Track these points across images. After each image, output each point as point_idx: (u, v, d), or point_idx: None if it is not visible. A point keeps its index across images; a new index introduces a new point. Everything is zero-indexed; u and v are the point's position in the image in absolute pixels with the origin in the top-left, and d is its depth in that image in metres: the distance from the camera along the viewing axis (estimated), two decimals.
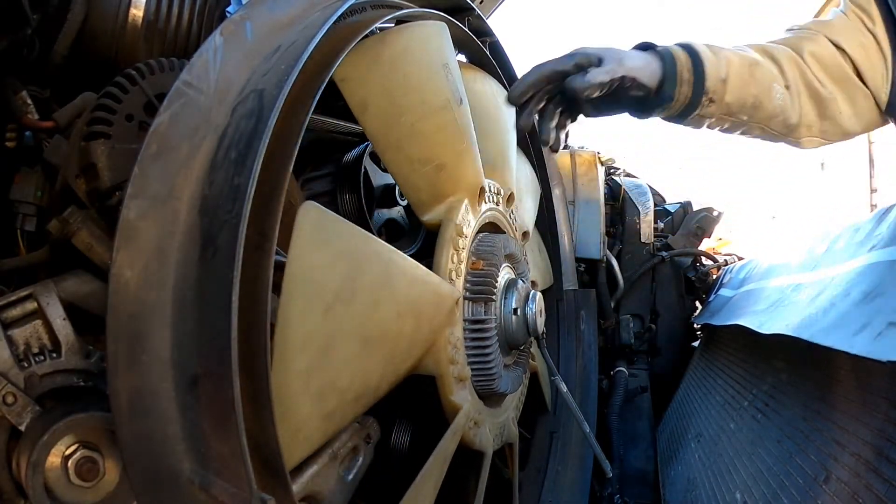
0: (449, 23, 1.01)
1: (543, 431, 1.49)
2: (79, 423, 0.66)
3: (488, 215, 1.05)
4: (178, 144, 0.61)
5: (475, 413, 0.95)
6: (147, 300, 0.57)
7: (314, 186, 1.28)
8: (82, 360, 0.73)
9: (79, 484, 0.66)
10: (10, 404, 0.67)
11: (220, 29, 0.68)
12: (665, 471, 1.67)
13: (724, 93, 1.03)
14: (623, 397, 1.97)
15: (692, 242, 2.50)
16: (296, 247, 0.59)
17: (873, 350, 0.70)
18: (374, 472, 0.79)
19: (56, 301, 0.73)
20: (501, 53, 1.31)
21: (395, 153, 0.88)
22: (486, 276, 0.95)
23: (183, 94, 0.63)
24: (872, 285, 0.83)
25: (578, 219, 2.09)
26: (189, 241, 0.58)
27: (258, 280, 0.54)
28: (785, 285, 1.30)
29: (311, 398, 0.62)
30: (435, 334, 0.85)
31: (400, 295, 0.76)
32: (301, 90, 0.64)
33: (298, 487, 0.65)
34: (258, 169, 0.54)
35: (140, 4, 1.01)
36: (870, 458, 0.78)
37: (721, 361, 1.76)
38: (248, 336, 0.53)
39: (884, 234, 0.91)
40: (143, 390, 0.56)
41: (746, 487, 1.10)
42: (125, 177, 0.60)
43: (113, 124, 0.79)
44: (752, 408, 1.30)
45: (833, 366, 0.98)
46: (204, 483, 0.54)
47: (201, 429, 0.55)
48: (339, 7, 0.73)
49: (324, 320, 0.63)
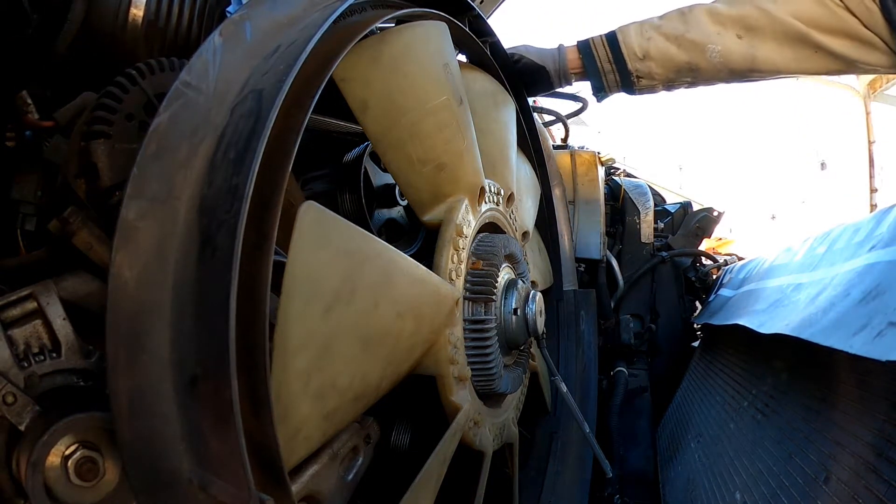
0: (449, 23, 1.01)
1: (543, 432, 1.49)
2: (79, 423, 0.66)
3: (488, 215, 1.05)
4: (177, 144, 0.61)
5: (475, 413, 0.95)
6: (146, 300, 0.57)
7: (314, 186, 1.28)
8: (82, 360, 0.73)
9: (78, 484, 0.65)
10: (9, 404, 0.67)
11: (219, 29, 0.68)
12: (665, 471, 1.67)
13: (650, 68, 1.21)
14: (623, 397, 1.97)
15: (692, 242, 2.51)
16: (295, 246, 0.59)
17: (873, 350, 0.70)
18: (374, 472, 0.79)
19: (56, 301, 0.73)
20: (501, 53, 1.31)
21: (396, 153, 0.88)
22: (486, 277, 0.95)
23: (182, 94, 0.63)
24: (872, 285, 0.83)
25: (578, 219, 2.09)
26: (188, 241, 0.58)
27: (257, 280, 0.54)
28: (785, 285, 1.30)
29: (311, 398, 0.62)
30: (435, 334, 0.85)
31: (400, 295, 0.75)
32: (300, 90, 0.64)
33: (298, 487, 0.65)
34: (257, 169, 0.54)
35: (140, 4, 1.01)
36: (870, 459, 0.78)
37: (721, 361, 1.75)
38: (248, 336, 0.53)
39: (884, 235, 0.91)
40: (142, 390, 0.56)
41: (746, 488, 1.10)
42: (125, 177, 0.60)
43: (113, 124, 0.78)
44: (752, 408, 1.30)
45: (833, 366, 0.98)
46: (203, 483, 0.54)
47: (200, 429, 0.55)
48: (339, 7, 0.73)
49: (323, 320, 0.63)
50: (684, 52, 1.19)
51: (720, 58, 1.18)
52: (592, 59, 1.23)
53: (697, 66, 1.20)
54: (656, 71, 1.22)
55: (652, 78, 1.23)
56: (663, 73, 1.22)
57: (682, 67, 1.21)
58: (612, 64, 1.22)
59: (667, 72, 1.22)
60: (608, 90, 1.28)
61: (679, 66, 1.21)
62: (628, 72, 1.21)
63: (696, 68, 1.20)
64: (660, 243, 2.47)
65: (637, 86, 1.24)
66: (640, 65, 1.21)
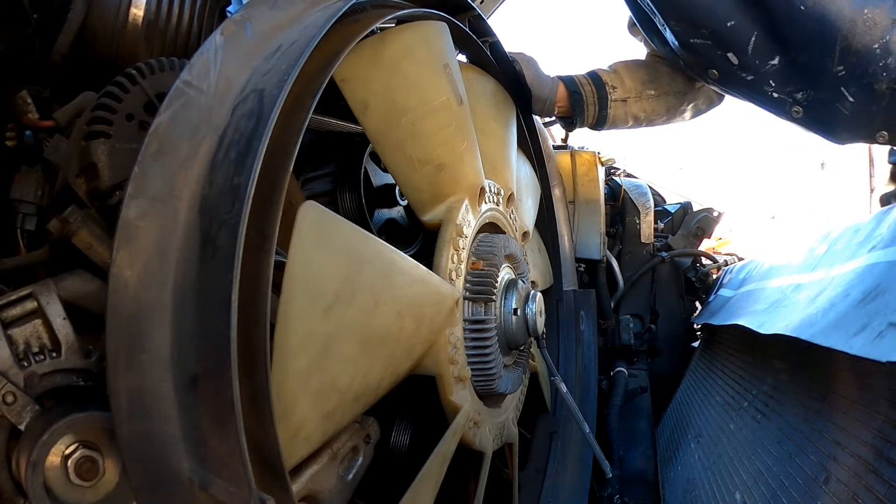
0: (449, 23, 1.01)
1: (543, 432, 1.49)
2: (78, 423, 0.66)
3: (488, 215, 1.05)
4: (178, 144, 0.61)
5: (475, 413, 0.95)
6: (147, 300, 0.57)
7: (314, 186, 1.28)
8: (82, 359, 0.73)
9: (78, 483, 0.65)
10: (9, 403, 0.67)
11: (220, 28, 0.68)
12: (665, 471, 1.67)
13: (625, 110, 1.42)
14: (623, 398, 1.97)
15: (692, 243, 2.50)
16: (296, 247, 0.59)
17: (873, 350, 0.70)
18: (374, 472, 0.79)
19: (56, 300, 0.73)
20: (501, 53, 1.31)
21: (396, 153, 0.88)
22: (486, 277, 0.95)
23: (183, 94, 0.63)
24: (872, 286, 0.83)
25: (578, 219, 2.09)
26: (189, 241, 0.58)
27: (258, 280, 0.54)
28: (785, 285, 1.30)
29: (311, 398, 0.62)
30: (435, 334, 0.85)
31: (400, 295, 0.75)
32: (301, 90, 0.64)
33: (298, 487, 0.65)
34: (258, 169, 0.54)
35: (140, 4, 1.01)
36: (869, 459, 0.78)
37: (721, 362, 1.76)
38: (248, 336, 0.53)
39: (884, 235, 0.91)
40: (142, 390, 0.56)
41: (746, 488, 1.10)
42: (125, 176, 0.60)
43: (113, 124, 0.78)
44: (751, 408, 1.30)
45: (833, 366, 0.98)
46: (203, 482, 0.54)
47: (201, 428, 0.55)
48: (340, 7, 0.73)
49: (324, 320, 0.63)
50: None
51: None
52: (580, 98, 1.39)
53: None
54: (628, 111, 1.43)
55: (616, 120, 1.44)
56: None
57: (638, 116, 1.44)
58: (595, 103, 1.40)
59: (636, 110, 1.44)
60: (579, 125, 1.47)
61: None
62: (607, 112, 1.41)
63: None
64: (660, 243, 2.47)
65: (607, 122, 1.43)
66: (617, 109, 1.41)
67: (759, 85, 1.16)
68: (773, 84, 1.14)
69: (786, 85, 1.13)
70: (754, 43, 1.11)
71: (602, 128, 1.44)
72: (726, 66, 1.17)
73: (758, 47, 1.11)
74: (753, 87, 1.18)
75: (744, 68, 1.15)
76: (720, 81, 1.24)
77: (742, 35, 1.11)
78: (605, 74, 1.41)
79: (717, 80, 1.24)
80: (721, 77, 1.22)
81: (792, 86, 1.13)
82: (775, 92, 1.15)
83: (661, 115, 1.45)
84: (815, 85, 1.11)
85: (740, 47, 1.13)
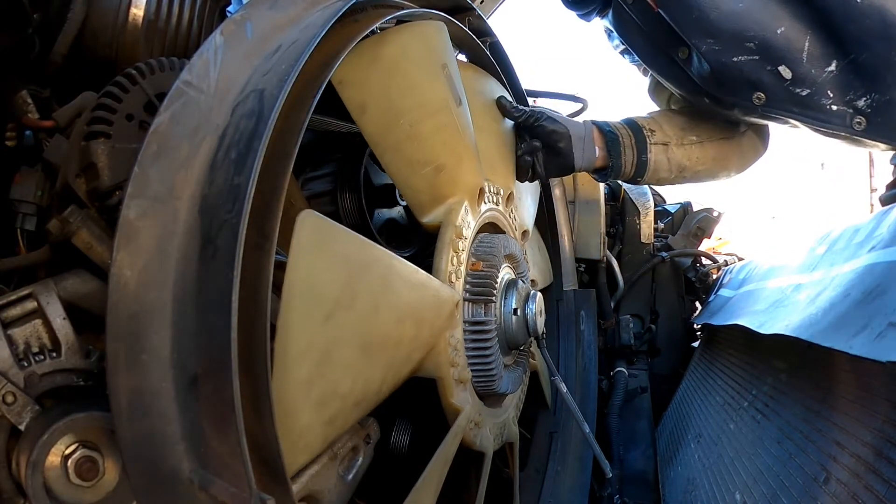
0: (449, 23, 1.01)
1: (543, 431, 1.49)
2: (78, 423, 0.66)
3: (488, 215, 1.05)
4: (178, 144, 0.61)
5: (476, 414, 0.95)
6: (147, 300, 0.57)
7: (314, 186, 1.28)
8: (82, 359, 0.73)
9: (78, 483, 0.65)
10: (9, 403, 0.67)
11: (220, 28, 0.68)
12: (665, 471, 1.67)
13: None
14: (623, 398, 1.97)
15: (692, 243, 2.50)
16: (294, 255, 0.59)
17: (873, 351, 0.70)
18: (374, 472, 0.79)
19: (56, 300, 0.73)
20: (501, 53, 1.31)
21: (394, 155, 0.88)
22: (486, 278, 0.95)
23: (183, 94, 0.63)
24: (872, 286, 0.83)
25: (578, 219, 2.09)
26: (189, 241, 0.58)
27: (258, 280, 0.54)
28: (785, 285, 1.30)
29: (313, 406, 0.62)
30: (435, 338, 0.85)
31: (400, 300, 0.75)
32: (302, 90, 0.64)
33: (298, 487, 0.65)
34: (258, 169, 0.54)
35: (140, 4, 1.01)
36: (869, 459, 0.78)
37: (721, 362, 1.76)
38: (248, 336, 0.53)
39: (884, 235, 0.91)
40: (142, 390, 0.56)
41: (746, 488, 1.10)
42: (125, 176, 0.60)
43: (113, 124, 0.78)
44: (751, 408, 1.30)
45: (833, 366, 0.98)
46: (204, 483, 0.54)
47: (201, 428, 0.55)
48: (340, 7, 0.73)
49: (324, 328, 0.62)
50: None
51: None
52: (616, 138, 1.21)
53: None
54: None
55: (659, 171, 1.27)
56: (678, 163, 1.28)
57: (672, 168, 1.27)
58: (634, 148, 1.22)
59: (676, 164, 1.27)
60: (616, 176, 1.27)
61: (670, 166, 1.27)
62: (646, 158, 1.23)
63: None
64: (660, 243, 2.47)
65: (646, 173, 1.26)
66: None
67: (814, 99, 1.04)
68: (831, 95, 1.03)
69: (845, 93, 1.02)
70: (808, 49, 1.01)
71: (643, 177, 1.25)
72: (776, 83, 1.04)
73: (811, 54, 1.01)
74: (808, 103, 1.05)
75: (797, 82, 1.03)
76: (767, 105, 1.08)
77: (795, 42, 1.01)
78: (641, 119, 1.26)
79: (763, 103, 1.08)
80: (769, 99, 1.07)
81: (853, 93, 1.02)
82: (834, 104, 1.03)
83: (707, 165, 1.28)
84: (879, 87, 1.00)
85: (794, 57, 1.01)
